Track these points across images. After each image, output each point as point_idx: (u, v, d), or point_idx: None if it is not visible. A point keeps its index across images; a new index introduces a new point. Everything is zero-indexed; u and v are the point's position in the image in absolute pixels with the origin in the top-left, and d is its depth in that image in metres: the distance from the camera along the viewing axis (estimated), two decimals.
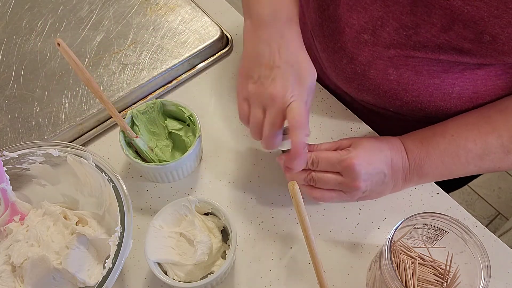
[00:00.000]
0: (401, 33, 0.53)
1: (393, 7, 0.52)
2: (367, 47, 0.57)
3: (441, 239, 0.50)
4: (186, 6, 0.74)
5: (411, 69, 0.56)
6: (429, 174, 0.55)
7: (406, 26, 0.52)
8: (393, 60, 0.56)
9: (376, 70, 0.58)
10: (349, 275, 0.54)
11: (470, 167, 0.54)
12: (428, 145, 0.54)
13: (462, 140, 0.53)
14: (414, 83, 0.57)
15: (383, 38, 0.55)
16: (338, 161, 0.51)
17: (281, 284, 0.53)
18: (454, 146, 0.53)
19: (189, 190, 0.60)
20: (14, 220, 0.54)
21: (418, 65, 0.55)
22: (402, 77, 0.57)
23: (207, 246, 0.51)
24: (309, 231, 0.46)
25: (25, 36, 0.70)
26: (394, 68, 0.57)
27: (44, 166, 0.54)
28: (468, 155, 0.53)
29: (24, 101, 0.63)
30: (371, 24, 0.55)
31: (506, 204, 1.60)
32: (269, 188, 0.60)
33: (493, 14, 0.45)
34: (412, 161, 0.54)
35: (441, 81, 0.56)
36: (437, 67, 0.55)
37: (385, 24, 0.54)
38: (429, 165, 0.54)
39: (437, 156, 0.54)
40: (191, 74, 0.70)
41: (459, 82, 0.55)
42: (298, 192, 0.46)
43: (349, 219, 0.57)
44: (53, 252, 0.51)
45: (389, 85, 0.59)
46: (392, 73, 0.57)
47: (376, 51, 0.56)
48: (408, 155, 0.54)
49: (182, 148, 0.61)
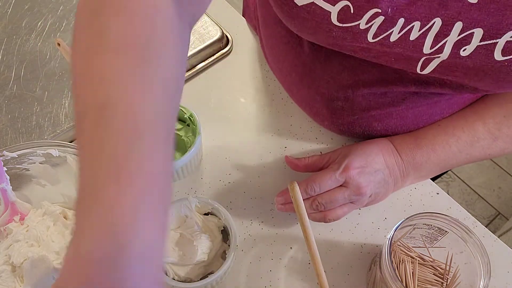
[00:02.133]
0: (376, 93, 0.53)
1: (361, 76, 0.52)
2: (344, 112, 0.57)
3: (441, 239, 0.50)
4: None
5: (396, 117, 0.56)
6: (424, 165, 0.54)
7: (378, 89, 0.52)
8: (375, 116, 0.56)
9: (359, 126, 0.58)
10: (349, 275, 0.54)
11: (462, 156, 0.54)
12: (417, 137, 0.54)
13: (450, 128, 0.54)
14: (401, 126, 0.57)
15: (357, 103, 0.55)
16: (337, 174, 0.51)
17: (281, 284, 0.53)
18: (443, 135, 0.54)
19: (189, 190, 0.60)
20: (14, 220, 0.54)
21: (402, 111, 0.55)
22: (389, 125, 0.57)
23: (207, 246, 0.51)
24: (309, 231, 0.46)
25: (25, 36, 0.70)
26: (378, 122, 0.56)
27: (44, 166, 0.54)
28: (459, 142, 0.53)
29: (24, 101, 0.63)
30: (341, 93, 0.55)
31: (506, 204, 1.60)
32: (269, 188, 0.60)
33: None
34: (404, 155, 0.54)
35: (429, 117, 0.56)
36: (422, 107, 0.54)
37: (356, 91, 0.53)
38: (420, 154, 0.54)
39: (427, 145, 0.54)
40: (191, 74, 0.70)
41: (447, 110, 0.55)
42: (298, 192, 0.46)
43: (349, 219, 0.57)
44: (53, 252, 0.51)
45: (377, 134, 0.58)
46: (377, 126, 0.57)
47: (355, 114, 0.56)
48: (398, 151, 0.54)
49: (182, 148, 0.61)
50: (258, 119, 0.65)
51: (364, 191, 0.51)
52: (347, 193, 0.51)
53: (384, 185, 0.54)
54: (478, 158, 0.55)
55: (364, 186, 0.51)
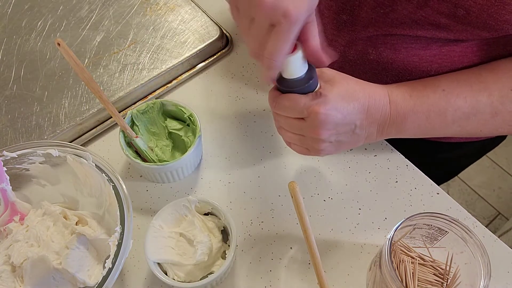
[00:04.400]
0: (379, 11, 0.53)
1: None
2: (346, 27, 0.57)
3: (441, 239, 0.50)
4: (186, 6, 0.74)
5: (390, 47, 0.56)
6: (409, 130, 0.52)
7: (382, 4, 0.52)
8: (371, 39, 0.57)
9: (355, 50, 0.59)
10: (349, 275, 0.54)
11: (453, 127, 0.52)
12: (417, 99, 0.51)
13: (453, 96, 0.51)
14: (393, 61, 0.57)
15: (361, 17, 0.55)
16: (305, 107, 0.47)
17: (281, 284, 0.53)
18: (444, 102, 0.51)
19: (189, 190, 0.60)
20: (14, 220, 0.54)
21: (396, 43, 0.55)
22: (381, 56, 0.57)
23: (207, 246, 0.51)
24: (309, 231, 0.46)
25: (25, 36, 0.70)
26: (373, 47, 0.57)
27: (44, 166, 0.54)
28: (456, 113, 0.51)
29: (24, 101, 0.63)
30: (349, 5, 0.55)
31: (506, 204, 1.60)
32: (269, 188, 0.60)
33: None
34: (395, 113, 0.51)
35: (420, 59, 0.56)
36: (415, 44, 0.55)
37: (362, 3, 0.54)
38: (412, 120, 0.51)
39: (423, 112, 0.51)
40: (191, 74, 0.70)
41: (436, 59, 0.55)
42: (298, 192, 0.45)
43: (349, 219, 0.57)
44: (53, 252, 0.51)
45: (369, 65, 0.59)
46: (372, 53, 0.57)
47: (355, 31, 0.57)
48: (391, 106, 0.51)
49: (182, 148, 0.61)
50: (258, 119, 0.65)
51: (319, 134, 0.48)
52: (302, 125, 0.48)
53: (351, 136, 0.50)
54: (469, 133, 0.54)
55: (323, 130, 0.47)
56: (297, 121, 0.48)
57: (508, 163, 1.67)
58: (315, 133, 0.48)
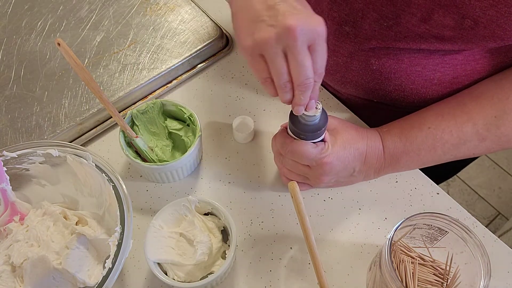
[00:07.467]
0: (382, 24, 0.53)
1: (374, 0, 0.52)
2: (349, 39, 0.57)
3: (441, 239, 0.50)
4: (186, 6, 0.74)
5: (393, 58, 0.56)
6: (404, 167, 0.57)
7: (386, 17, 0.52)
8: (374, 51, 0.57)
9: (358, 61, 0.59)
10: (349, 275, 0.54)
11: (446, 157, 0.56)
12: (406, 140, 0.55)
13: (439, 131, 0.54)
14: (396, 71, 0.58)
15: (364, 30, 0.55)
16: (315, 159, 0.51)
17: (281, 284, 0.53)
18: (431, 139, 0.54)
19: (189, 190, 0.60)
20: (14, 220, 0.54)
21: (399, 53, 0.56)
22: (384, 67, 0.58)
23: (207, 246, 0.51)
24: (309, 231, 0.46)
25: (25, 36, 0.70)
26: (376, 58, 0.57)
27: (44, 166, 0.54)
28: (445, 146, 0.54)
29: (24, 101, 0.63)
30: (352, 17, 0.56)
31: (506, 204, 1.60)
32: (269, 188, 0.60)
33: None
34: (389, 157, 0.55)
35: (423, 68, 0.56)
36: (418, 54, 0.55)
37: (365, 15, 0.54)
38: (405, 160, 0.55)
39: (414, 151, 0.55)
40: (191, 74, 0.70)
41: (439, 68, 0.56)
42: (298, 192, 0.46)
43: (349, 219, 0.57)
44: (53, 252, 0.51)
45: (372, 75, 0.59)
46: (374, 63, 0.58)
47: (358, 43, 0.57)
48: (385, 151, 0.55)
49: (182, 148, 0.61)
50: (258, 119, 0.65)
51: (323, 180, 0.54)
52: (306, 171, 0.53)
53: (349, 178, 0.56)
54: (462, 157, 0.57)
55: (326, 177, 0.53)
56: (302, 167, 0.53)
57: (508, 163, 1.67)
58: (319, 179, 0.54)
